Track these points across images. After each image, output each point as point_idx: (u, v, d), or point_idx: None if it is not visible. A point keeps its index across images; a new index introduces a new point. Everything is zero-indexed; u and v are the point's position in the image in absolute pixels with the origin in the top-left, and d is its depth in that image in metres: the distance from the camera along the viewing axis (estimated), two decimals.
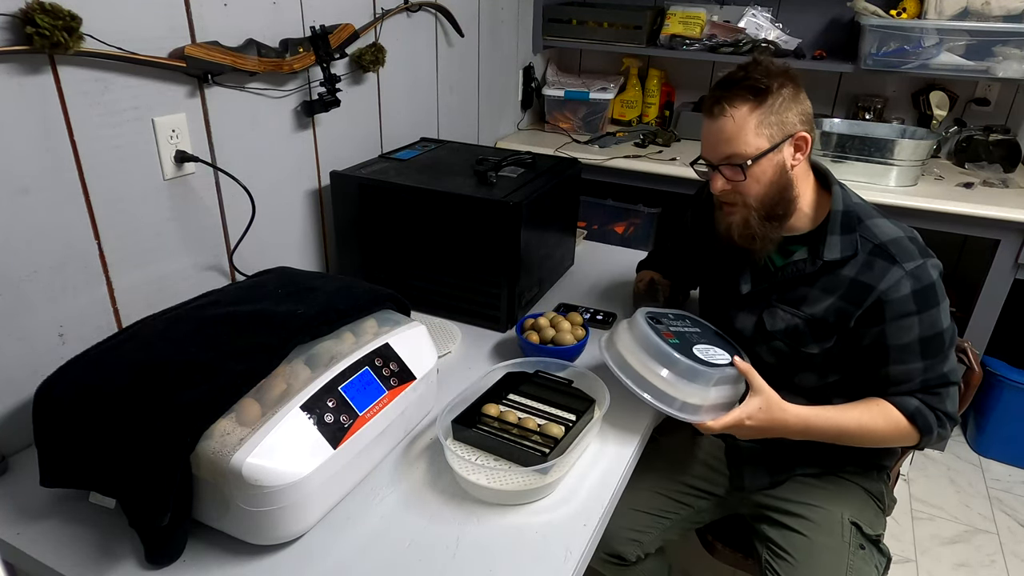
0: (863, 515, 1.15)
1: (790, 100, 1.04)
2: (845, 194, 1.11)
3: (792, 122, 1.05)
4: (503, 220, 1.26)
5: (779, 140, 1.04)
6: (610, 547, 1.23)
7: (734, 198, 1.08)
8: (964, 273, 2.45)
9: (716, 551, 1.34)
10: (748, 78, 1.03)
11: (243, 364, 0.83)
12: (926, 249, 1.06)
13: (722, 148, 1.06)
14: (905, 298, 1.02)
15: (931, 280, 1.03)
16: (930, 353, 1.05)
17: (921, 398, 1.06)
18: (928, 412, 1.06)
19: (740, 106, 1.03)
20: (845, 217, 1.08)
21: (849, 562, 1.09)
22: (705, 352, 1.05)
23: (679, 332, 1.08)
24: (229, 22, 1.17)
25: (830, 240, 1.07)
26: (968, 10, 1.97)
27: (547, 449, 0.95)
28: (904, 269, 1.02)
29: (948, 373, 1.07)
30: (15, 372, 0.98)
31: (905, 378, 1.06)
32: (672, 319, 1.12)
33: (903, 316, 1.03)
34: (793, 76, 1.06)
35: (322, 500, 0.84)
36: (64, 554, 0.81)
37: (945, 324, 1.06)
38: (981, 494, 2.08)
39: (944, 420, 1.07)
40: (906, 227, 1.09)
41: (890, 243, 1.04)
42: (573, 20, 2.45)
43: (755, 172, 1.05)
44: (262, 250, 1.34)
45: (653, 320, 1.07)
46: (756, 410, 1.02)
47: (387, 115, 1.66)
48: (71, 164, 0.99)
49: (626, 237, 2.45)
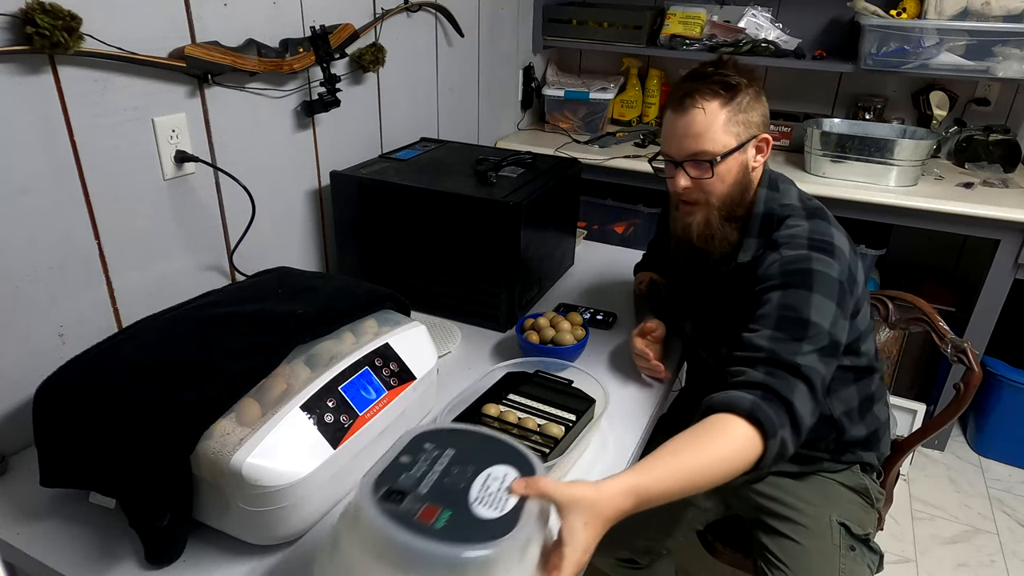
0: (850, 514, 1.15)
1: (755, 101, 1.04)
2: (774, 196, 1.08)
3: (757, 123, 1.05)
4: (503, 220, 1.26)
5: (745, 139, 1.04)
6: (623, 551, 1.23)
7: (696, 196, 1.07)
8: (964, 273, 2.45)
9: (716, 551, 1.34)
10: (719, 73, 1.03)
11: (243, 364, 0.83)
12: (828, 250, 1.00)
13: (689, 143, 1.04)
14: (772, 274, 1.00)
15: (808, 267, 0.98)
16: (785, 330, 0.94)
17: (764, 379, 0.90)
18: (768, 408, 0.87)
19: (711, 100, 1.02)
20: (764, 220, 1.07)
21: (840, 565, 1.09)
22: (488, 497, 0.67)
23: (438, 487, 0.67)
24: (229, 22, 1.17)
25: (746, 243, 1.07)
26: (968, 10, 1.97)
27: (547, 449, 0.95)
28: (780, 254, 1.01)
29: (805, 368, 0.91)
30: (15, 372, 0.97)
31: (752, 346, 0.95)
32: (421, 464, 0.70)
33: (765, 290, 1.00)
34: (756, 78, 1.06)
35: (322, 500, 0.84)
36: (64, 554, 0.81)
37: (814, 317, 0.94)
38: (981, 494, 2.08)
39: (785, 418, 0.88)
40: (828, 230, 1.03)
41: (784, 238, 1.03)
42: (573, 20, 2.45)
43: (721, 170, 1.04)
44: (262, 250, 1.34)
45: (392, 496, 0.64)
46: (582, 534, 0.70)
47: (387, 115, 1.66)
48: (71, 164, 0.99)
49: (626, 237, 2.45)
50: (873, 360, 1.14)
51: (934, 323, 1.32)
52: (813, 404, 0.92)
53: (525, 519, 0.65)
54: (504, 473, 0.70)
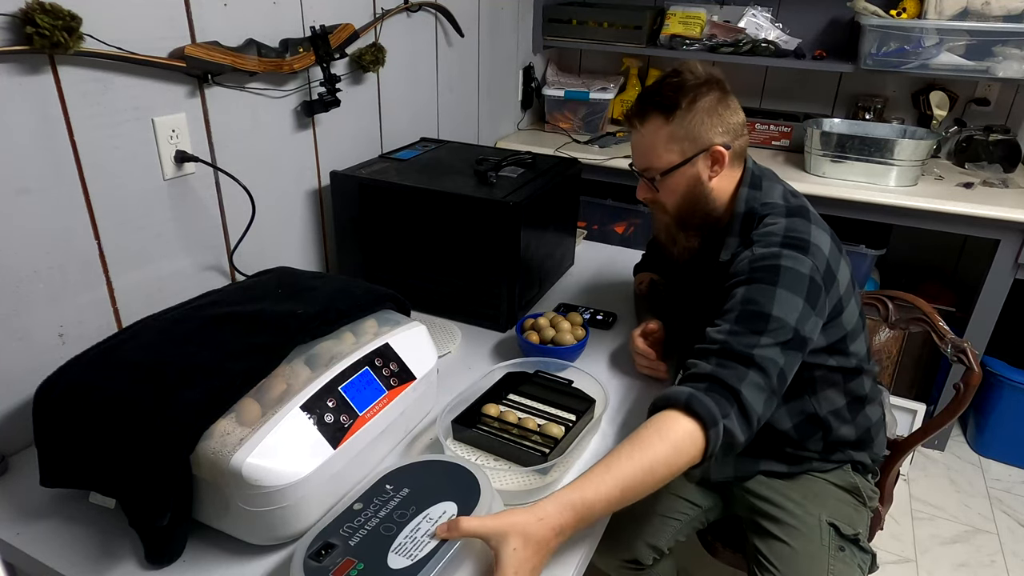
0: (839, 513, 1.15)
1: (706, 114, 1.04)
2: (755, 195, 1.09)
3: (706, 137, 1.04)
4: (503, 220, 1.26)
5: (691, 154, 1.05)
6: (628, 553, 1.23)
7: (655, 205, 1.13)
8: (964, 273, 2.45)
9: (717, 551, 1.34)
10: (659, 94, 1.05)
11: (243, 364, 0.83)
12: (801, 247, 0.99)
13: (638, 159, 1.11)
14: (740, 270, 1.00)
15: (776, 263, 0.98)
16: (744, 324, 0.94)
17: (712, 370, 0.90)
18: (706, 398, 0.86)
19: (650, 122, 1.06)
20: (745, 219, 1.08)
21: (830, 566, 1.09)
22: (409, 544, 0.72)
23: (368, 538, 0.73)
24: (229, 22, 1.17)
25: (727, 242, 1.08)
26: (968, 10, 1.97)
27: (547, 449, 0.95)
28: (752, 251, 1.02)
29: (759, 357, 0.90)
30: (15, 372, 0.97)
31: (709, 339, 0.95)
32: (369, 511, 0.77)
33: (732, 285, 1.00)
34: (718, 85, 1.05)
35: (322, 500, 0.84)
36: (64, 554, 0.81)
37: (777, 312, 0.93)
38: (981, 494, 2.08)
39: (732, 411, 0.87)
40: (804, 227, 1.02)
41: (758, 236, 1.03)
42: (573, 20, 2.45)
43: (668, 184, 1.08)
44: (262, 250, 1.34)
45: (321, 552, 0.71)
46: (512, 559, 0.72)
47: (387, 115, 1.66)
48: (71, 164, 0.99)
49: (626, 237, 2.45)
50: (863, 361, 1.14)
51: (934, 323, 1.32)
52: (768, 394, 0.91)
53: (432, 565, 0.70)
54: (441, 512, 0.75)
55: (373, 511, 0.77)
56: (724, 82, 1.06)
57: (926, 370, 2.25)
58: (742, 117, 1.08)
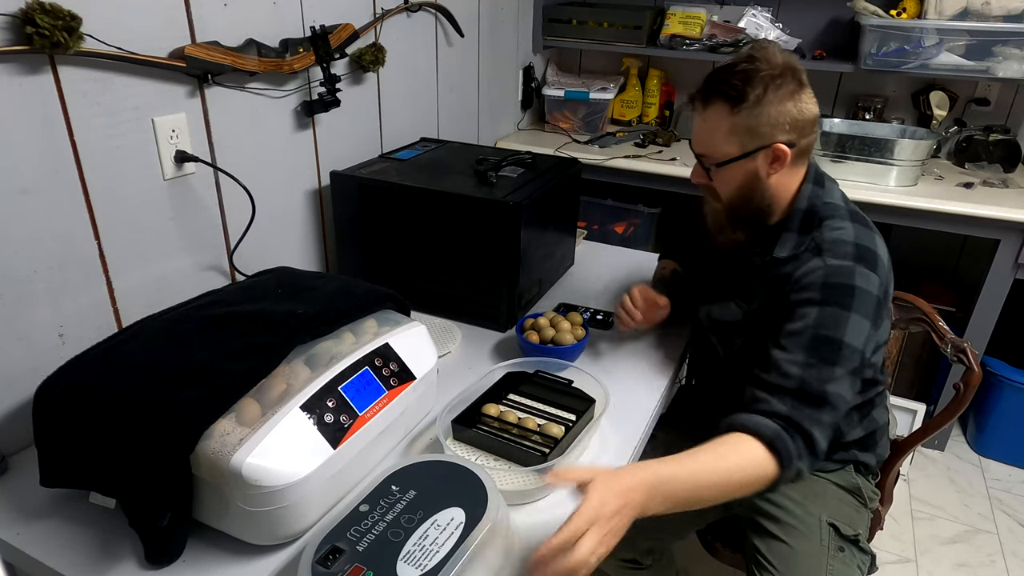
0: (840, 514, 1.15)
1: (774, 109, 0.96)
2: (819, 192, 1.06)
3: (770, 134, 0.98)
4: (503, 220, 1.26)
5: (751, 149, 0.99)
6: (626, 552, 1.23)
7: (708, 190, 1.09)
8: (964, 273, 2.45)
9: (717, 551, 1.34)
10: (727, 81, 0.97)
11: (243, 364, 0.83)
12: (872, 263, 0.97)
13: (696, 145, 1.06)
14: (812, 284, 0.96)
15: (851, 282, 0.95)
16: (817, 354, 0.93)
17: (789, 412, 0.91)
18: (789, 439, 0.89)
19: (714, 109, 0.99)
20: (806, 216, 1.04)
21: (829, 567, 1.09)
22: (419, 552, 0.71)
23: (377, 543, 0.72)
24: (229, 22, 1.17)
25: (785, 237, 1.05)
26: (968, 10, 1.97)
27: (547, 449, 0.95)
28: (824, 261, 0.98)
29: (832, 395, 0.92)
30: (15, 372, 0.97)
31: (781, 372, 0.94)
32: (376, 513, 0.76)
33: (803, 302, 0.96)
34: (793, 75, 0.97)
35: (322, 500, 0.84)
36: (64, 554, 0.81)
37: (849, 339, 0.93)
38: (981, 494, 2.08)
39: (804, 453, 0.90)
40: (871, 238, 1.01)
41: (828, 241, 1.00)
42: (573, 20, 2.45)
43: (723, 175, 1.03)
44: (262, 250, 1.34)
45: (329, 557, 0.70)
46: (597, 512, 0.75)
47: (387, 115, 1.66)
48: (71, 164, 0.99)
49: (626, 237, 2.45)
50: (878, 372, 1.13)
51: (934, 323, 1.32)
52: (833, 428, 0.93)
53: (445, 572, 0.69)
54: (450, 519, 0.75)
55: (380, 514, 0.76)
56: (801, 71, 0.98)
57: (926, 370, 2.25)
58: (815, 112, 1.00)
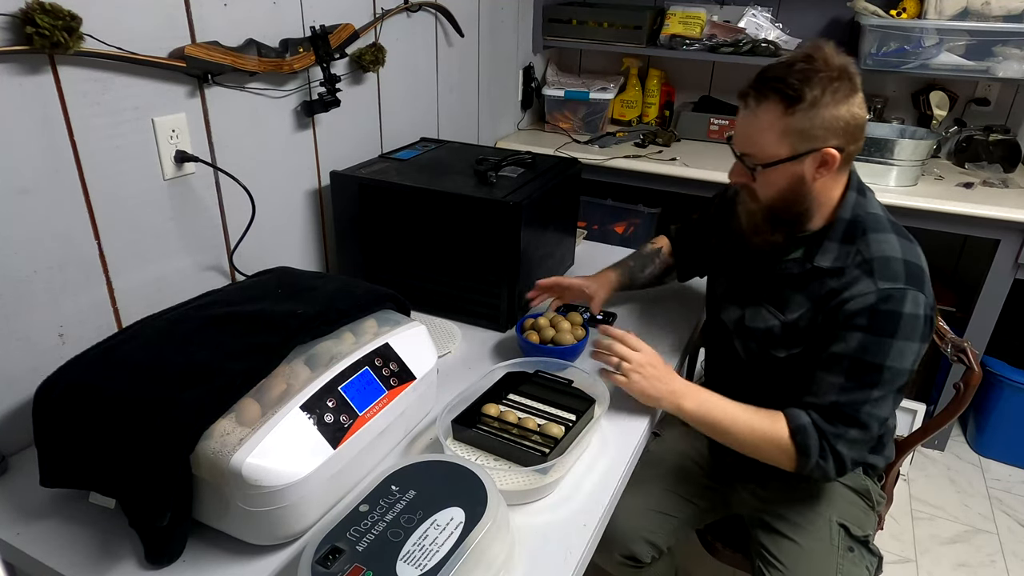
0: (850, 515, 1.15)
1: (829, 112, 0.93)
2: (862, 202, 1.04)
3: (821, 136, 0.95)
4: (503, 220, 1.26)
5: (801, 152, 0.96)
6: (626, 549, 1.23)
7: (746, 190, 1.05)
8: (964, 273, 2.45)
9: (717, 551, 1.34)
10: (784, 80, 0.93)
11: (243, 364, 0.83)
12: (921, 281, 0.97)
13: (741, 143, 1.01)
14: (862, 310, 0.95)
15: (900, 309, 0.94)
16: (856, 378, 0.96)
17: (818, 420, 0.98)
18: (815, 436, 0.97)
19: (766, 107, 0.95)
20: (849, 226, 1.02)
21: (839, 566, 1.09)
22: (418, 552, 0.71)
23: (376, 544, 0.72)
24: (229, 22, 1.17)
25: (826, 246, 1.02)
26: (968, 10, 1.97)
27: (547, 449, 0.95)
28: (876, 285, 0.95)
29: (865, 415, 0.96)
30: (15, 372, 0.97)
31: (817, 388, 0.99)
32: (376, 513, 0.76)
33: (850, 327, 0.96)
34: (849, 79, 0.94)
35: (322, 500, 0.84)
36: (64, 554, 0.81)
37: (892, 362, 0.95)
38: (981, 494, 2.08)
39: (828, 456, 0.98)
40: (916, 252, 1.00)
41: (878, 259, 0.97)
42: (573, 20, 2.45)
43: (767, 177, 1.00)
44: (262, 250, 1.34)
45: (329, 557, 0.70)
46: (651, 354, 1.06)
47: (387, 115, 1.65)
48: (71, 164, 0.99)
49: (626, 237, 2.45)
50: None
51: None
52: (865, 443, 1.00)
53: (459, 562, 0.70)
54: (450, 519, 0.75)
55: (380, 514, 0.76)
56: (855, 75, 0.95)
57: (926, 370, 2.25)
58: (865, 118, 0.98)
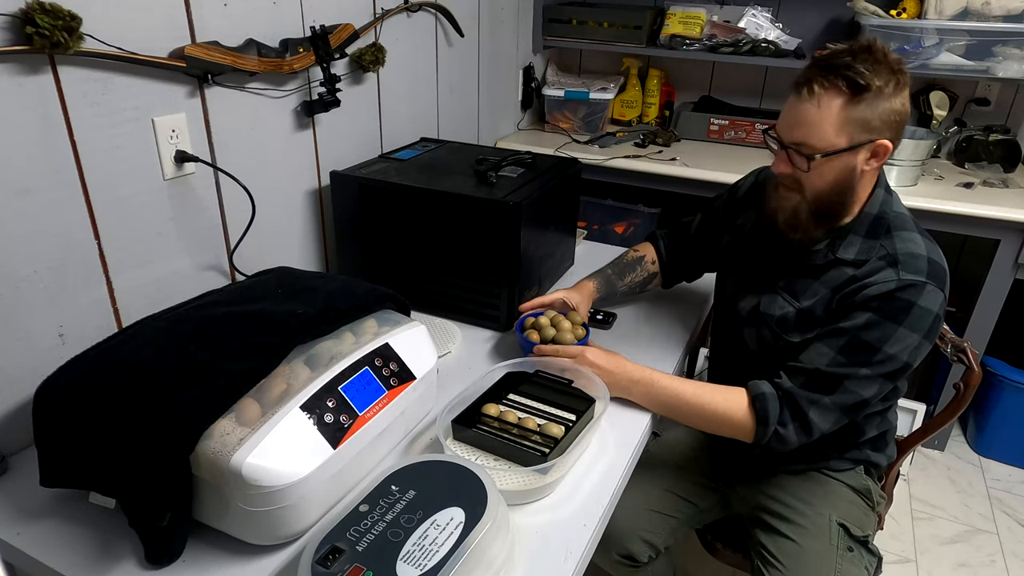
0: (850, 515, 1.15)
1: (889, 103, 0.94)
2: (888, 200, 1.05)
3: (878, 126, 0.95)
4: (503, 220, 1.26)
5: (858, 143, 0.96)
6: (623, 548, 1.23)
7: (792, 184, 1.03)
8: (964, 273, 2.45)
9: (716, 551, 1.34)
10: (852, 67, 0.93)
11: (243, 364, 0.83)
12: (942, 280, 0.98)
13: (796, 132, 0.98)
14: (879, 295, 0.96)
15: (915, 300, 0.96)
16: (849, 353, 0.98)
17: (791, 388, 1.00)
18: (775, 403, 0.99)
19: (833, 96, 0.94)
20: (875, 222, 1.03)
21: (837, 566, 1.09)
22: (418, 552, 0.71)
23: (376, 543, 0.72)
24: (229, 22, 1.17)
25: (850, 239, 1.03)
26: (968, 10, 1.97)
27: (547, 449, 0.95)
28: (898, 275, 0.97)
29: (844, 387, 0.98)
30: (15, 372, 0.97)
31: (807, 355, 1.01)
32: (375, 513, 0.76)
33: (863, 308, 0.97)
34: (903, 70, 0.95)
35: (322, 500, 0.84)
36: (64, 554, 0.81)
37: (889, 348, 0.96)
38: (981, 494, 2.08)
39: (790, 422, 1.00)
40: (939, 253, 1.02)
41: (904, 254, 0.99)
42: (573, 20, 2.45)
43: (821, 168, 0.98)
44: (262, 250, 1.34)
45: (329, 557, 0.70)
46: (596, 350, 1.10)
47: (387, 115, 1.65)
48: (71, 164, 0.99)
49: (626, 237, 2.45)
50: None
51: None
52: (839, 414, 1.01)
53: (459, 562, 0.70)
54: (450, 519, 0.75)
55: (380, 514, 0.76)
56: (906, 71, 0.96)
57: (926, 370, 2.25)
58: (908, 114, 0.99)
